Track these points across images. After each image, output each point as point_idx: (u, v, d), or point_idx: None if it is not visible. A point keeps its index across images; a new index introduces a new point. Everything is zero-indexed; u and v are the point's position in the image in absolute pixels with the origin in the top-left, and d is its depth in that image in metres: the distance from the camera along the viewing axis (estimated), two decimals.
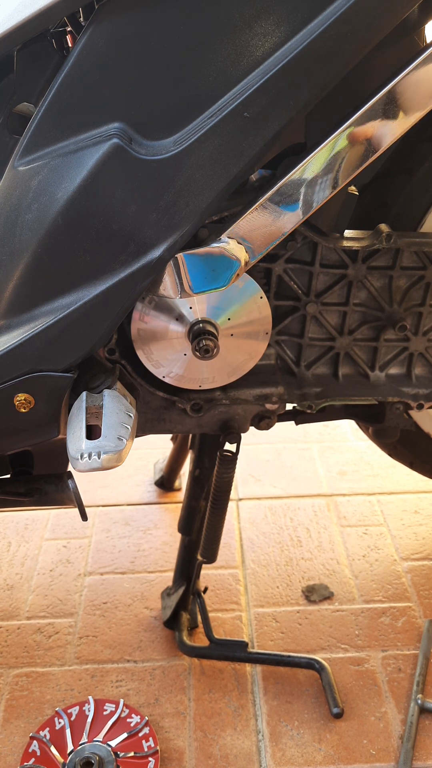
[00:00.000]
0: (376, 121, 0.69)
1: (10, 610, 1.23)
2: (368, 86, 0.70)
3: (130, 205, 0.69)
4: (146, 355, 0.86)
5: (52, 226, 0.70)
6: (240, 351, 0.87)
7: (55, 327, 0.73)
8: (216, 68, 0.66)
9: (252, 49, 0.65)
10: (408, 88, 0.68)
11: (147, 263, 0.70)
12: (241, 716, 1.00)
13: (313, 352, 0.95)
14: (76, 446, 0.70)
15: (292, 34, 0.64)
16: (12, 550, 1.38)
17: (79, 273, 0.72)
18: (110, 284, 0.71)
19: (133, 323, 0.83)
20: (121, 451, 0.70)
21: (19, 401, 0.76)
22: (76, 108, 0.69)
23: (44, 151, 0.71)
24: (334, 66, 0.65)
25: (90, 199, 0.69)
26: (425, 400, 0.97)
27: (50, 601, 1.24)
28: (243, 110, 0.66)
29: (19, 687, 1.07)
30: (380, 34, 0.65)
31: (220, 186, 0.68)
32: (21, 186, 0.72)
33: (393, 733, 0.97)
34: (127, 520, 1.44)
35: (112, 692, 1.05)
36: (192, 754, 0.95)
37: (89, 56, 0.67)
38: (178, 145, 0.67)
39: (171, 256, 0.71)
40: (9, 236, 0.74)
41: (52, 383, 0.75)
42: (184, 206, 0.69)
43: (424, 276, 0.92)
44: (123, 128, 0.68)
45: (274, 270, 0.88)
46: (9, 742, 0.99)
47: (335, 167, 0.70)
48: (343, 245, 0.86)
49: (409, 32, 0.76)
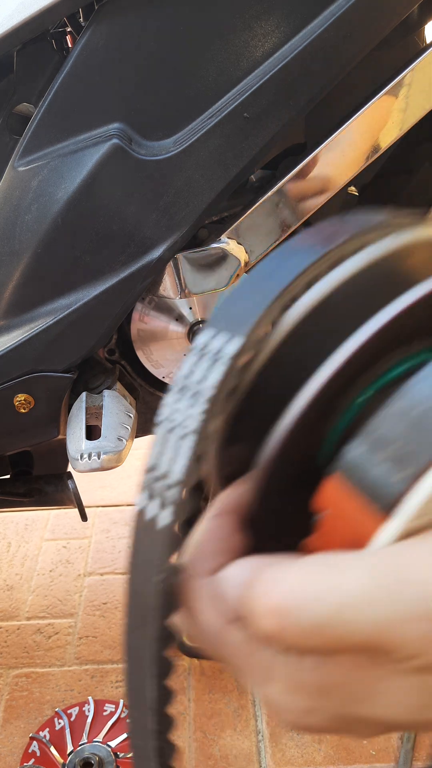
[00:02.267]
0: (376, 121, 0.69)
1: (10, 611, 1.23)
2: (368, 86, 0.70)
3: (130, 206, 0.69)
4: (146, 356, 0.85)
5: (52, 226, 0.70)
6: None
7: (55, 327, 0.73)
8: (216, 69, 0.66)
9: (252, 50, 0.65)
10: (408, 88, 0.68)
11: (147, 263, 0.70)
12: (241, 717, 1.00)
13: None
14: (76, 446, 0.70)
15: (292, 35, 0.64)
16: (12, 551, 1.38)
17: (79, 273, 0.72)
18: (110, 285, 0.71)
19: (132, 324, 0.83)
20: (121, 452, 0.70)
21: (19, 401, 0.76)
22: (76, 108, 0.69)
23: (44, 151, 0.71)
24: (334, 66, 0.65)
25: (90, 199, 0.69)
26: None
27: (50, 602, 1.24)
28: (243, 110, 0.66)
29: (19, 687, 1.07)
30: (380, 35, 0.65)
31: (220, 186, 0.68)
32: (21, 186, 0.72)
33: (393, 733, 0.97)
34: (127, 520, 1.44)
35: (112, 692, 1.05)
36: (192, 754, 0.95)
37: (89, 56, 0.67)
38: (178, 145, 0.67)
39: (171, 257, 0.71)
40: (9, 236, 0.74)
41: (52, 383, 0.75)
42: (184, 206, 0.69)
43: None
44: (123, 129, 0.68)
45: None
46: (9, 742, 0.99)
47: (335, 167, 0.70)
48: None
49: (409, 32, 0.76)
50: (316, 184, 0.71)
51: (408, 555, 0.23)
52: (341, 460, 0.25)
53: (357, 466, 0.25)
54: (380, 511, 0.24)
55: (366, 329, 0.26)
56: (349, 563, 0.23)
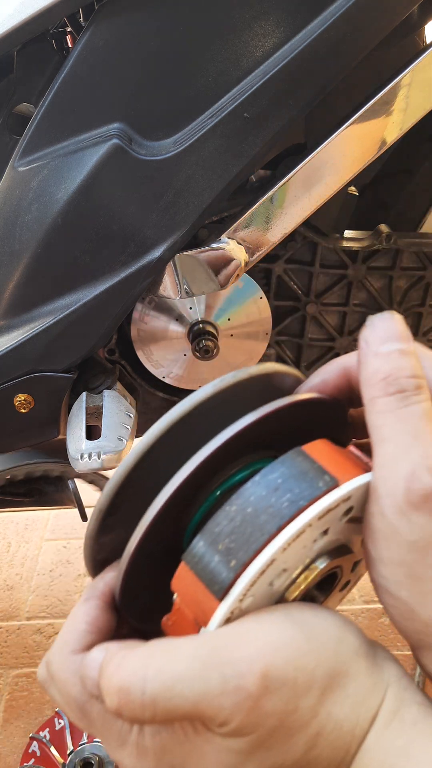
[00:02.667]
0: (376, 121, 0.69)
1: (10, 611, 1.23)
2: (368, 86, 0.70)
3: (130, 206, 0.69)
4: (146, 356, 0.86)
5: (52, 226, 0.70)
6: (240, 351, 0.87)
7: (55, 327, 0.73)
8: (216, 68, 0.66)
9: (252, 50, 0.65)
10: (408, 88, 0.68)
11: (147, 264, 0.70)
12: None
13: (313, 352, 0.95)
14: (76, 446, 0.70)
15: (292, 35, 0.64)
16: (12, 551, 1.38)
17: (79, 273, 0.72)
18: (110, 285, 0.71)
19: (133, 324, 0.83)
20: (121, 452, 0.70)
21: (19, 401, 0.76)
22: (76, 108, 0.69)
23: (44, 151, 0.71)
24: (334, 66, 0.65)
25: (90, 199, 0.69)
26: None
27: (50, 602, 1.24)
28: (243, 111, 0.66)
29: (19, 687, 1.07)
30: (380, 34, 0.65)
31: (220, 186, 0.68)
32: (21, 186, 0.72)
33: None
34: None
35: None
36: None
37: (89, 56, 0.67)
38: (178, 145, 0.67)
39: (171, 257, 0.71)
40: (9, 236, 0.74)
41: (52, 383, 0.75)
42: (184, 206, 0.69)
43: (423, 276, 0.92)
44: (123, 128, 0.68)
45: (274, 270, 0.88)
46: (9, 742, 0.99)
47: (335, 167, 0.70)
48: (343, 246, 0.86)
49: (409, 32, 0.76)
50: (315, 185, 0.71)
51: (223, 638, 0.28)
52: (187, 551, 0.31)
53: (198, 556, 0.30)
54: (215, 596, 0.29)
55: (209, 446, 0.32)
56: (180, 647, 0.28)
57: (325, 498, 0.30)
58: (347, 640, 0.30)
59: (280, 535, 0.29)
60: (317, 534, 0.31)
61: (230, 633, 0.29)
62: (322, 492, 0.30)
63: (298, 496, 0.30)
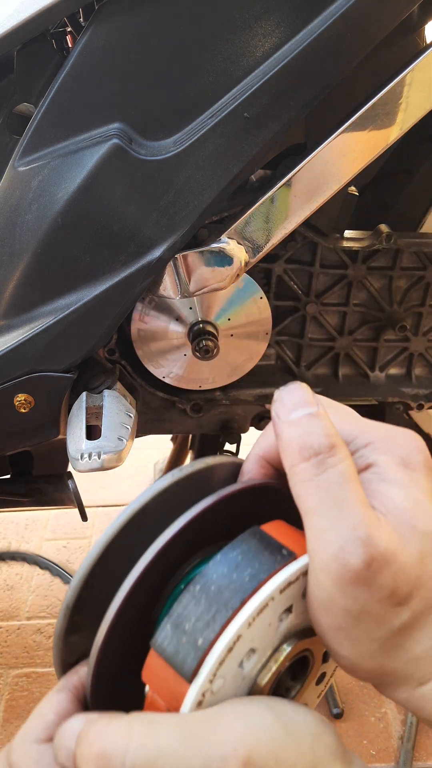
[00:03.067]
0: (376, 121, 0.69)
1: (10, 610, 1.23)
2: (368, 86, 0.70)
3: (130, 206, 0.69)
4: (146, 356, 0.86)
5: (52, 226, 0.70)
6: (240, 351, 0.87)
7: (55, 327, 0.73)
8: (216, 68, 0.66)
9: (252, 50, 0.65)
10: (408, 88, 0.68)
11: (147, 263, 0.70)
12: None
13: (313, 352, 0.95)
14: (76, 446, 0.70)
15: (292, 35, 0.64)
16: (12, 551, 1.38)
17: (79, 273, 0.72)
18: (110, 284, 0.71)
19: (133, 323, 0.83)
20: (121, 452, 0.70)
21: (20, 401, 0.76)
22: (76, 108, 0.69)
23: (44, 151, 0.71)
24: (334, 66, 0.65)
25: (90, 199, 0.69)
26: (425, 401, 0.97)
27: (50, 601, 1.24)
28: (243, 110, 0.66)
29: (19, 687, 1.07)
30: (380, 34, 0.65)
31: (220, 186, 0.68)
32: (21, 186, 0.72)
33: (393, 733, 0.97)
34: None
35: None
36: None
37: (89, 57, 0.67)
38: (178, 145, 0.67)
39: (171, 257, 0.71)
40: (9, 236, 0.74)
41: (53, 383, 0.75)
42: (184, 206, 0.69)
43: (423, 276, 0.92)
44: (123, 128, 0.68)
45: (274, 270, 0.88)
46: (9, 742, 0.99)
47: (335, 167, 0.70)
48: (343, 246, 0.86)
49: (409, 32, 0.76)
50: (316, 184, 0.71)
51: (206, 718, 0.29)
52: (155, 637, 0.31)
53: (166, 640, 0.31)
54: (185, 678, 0.30)
55: (158, 541, 0.33)
56: (163, 722, 0.28)
57: (284, 570, 0.31)
58: (325, 739, 0.30)
59: (244, 608, 0.30)
60: (281, 611, 0.32)
61: (212, 714, 0.29)
62: (282, 565, 0.32)
63: (258, 570, 0.31)
